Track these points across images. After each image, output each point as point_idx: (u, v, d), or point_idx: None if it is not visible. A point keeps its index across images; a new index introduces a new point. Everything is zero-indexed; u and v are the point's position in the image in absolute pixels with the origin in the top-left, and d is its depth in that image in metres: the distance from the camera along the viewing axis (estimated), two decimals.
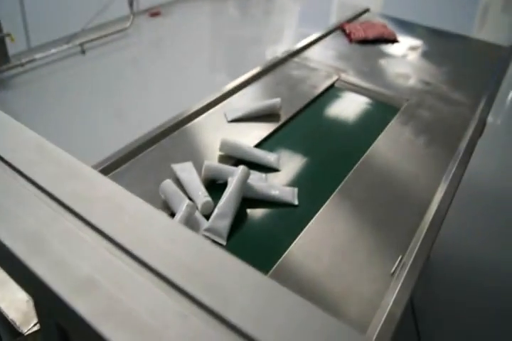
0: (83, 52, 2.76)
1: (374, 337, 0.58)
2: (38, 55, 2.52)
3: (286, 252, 0.71)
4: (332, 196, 0.83)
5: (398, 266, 0.70)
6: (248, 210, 0.79)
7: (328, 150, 0.98)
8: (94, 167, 0.85)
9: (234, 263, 0.35)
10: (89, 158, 0.94)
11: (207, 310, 0.33)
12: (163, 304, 0.33)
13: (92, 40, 2.79)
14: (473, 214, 1.82)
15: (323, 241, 0.73)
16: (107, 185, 0.43)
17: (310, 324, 0.31)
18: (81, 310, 0.33)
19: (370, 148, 0.98)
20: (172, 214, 0.75)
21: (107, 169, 0.85)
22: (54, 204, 0.40)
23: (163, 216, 0.40)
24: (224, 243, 0.72)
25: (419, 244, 0.73)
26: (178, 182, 0.82)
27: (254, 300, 0.33)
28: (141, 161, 0.89)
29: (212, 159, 0.90)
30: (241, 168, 0.80)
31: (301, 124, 1.05)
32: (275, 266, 0.68)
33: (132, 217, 0.40)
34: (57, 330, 0.38)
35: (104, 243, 0.37)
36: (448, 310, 1.45)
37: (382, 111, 1.14)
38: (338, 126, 1.07)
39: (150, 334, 0.31)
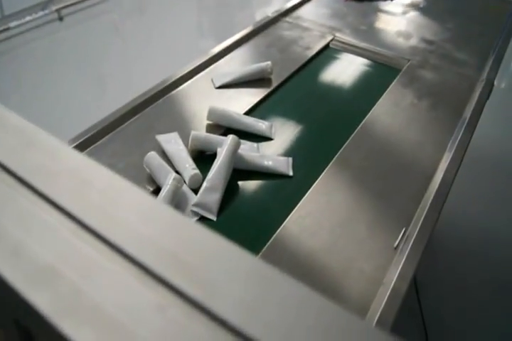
0: (61, 18, 2.61)
1: (377, 316, 0.54)
2: (12, 24, 2.37)
3: (280, 227, 0.66)
4: (329, 165, 0.78)
5: (402, 239, 0.65)
6: (239, 183, 0.74)
7: (324, 116, 0.92)
8: (75, 139, 0.80)
9: (221, 246, 0.29)
10: (70, 130, 0.88)
11: (189, 300, 0.27)
12: (137, 295, 0.28)
13: (69, 6, 2.64)
14: (476, 179, 1.78)
15: (320, 214, 0.69)
16: (73, 156, 0.36)
17: (306, 313, 0.26)
18: (39, 305, 0.27)
19: (370, 113, 0.92)
20: (158, 189, 0.69)
21: (88, 141, 0.81)
22: (9, 180, 0.34)
23: (139, 191, 0.34)
24: (214, 218, 0.67)
25: (424, 215, 0.68)
26: (164, 154, 0.77)
27: (245, 288, 0.27)
28: (123, 132, 0.84)
29: (199, 129, 0.84)
30: (230, 137, 0.75)
31: (294, 89, 0.99)
32: (269, 242, 0.63)
33: (102, 193, 0.33)
34: (16, 328, 0.33)
35: (69, 224, 0.31)
36: (449, 283, 1.43)
37: (381, 73, 1.07)
38: (334, 90, 1.01)
39: (121, 331, 0.26)
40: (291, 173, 0.76)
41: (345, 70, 1.07)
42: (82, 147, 0.79)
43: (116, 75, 2.24)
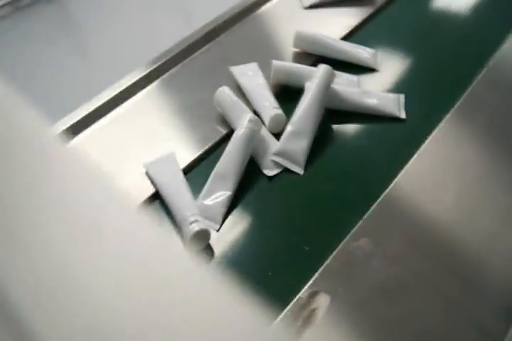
0: None
1: None
2: None
3: (390, 186, 0.51)
4: (456, 105, 0.60)
5: None
6: (334, 126, 0.60)
7: (446, 41, 0.72)
8: (138, 73, 0.71)
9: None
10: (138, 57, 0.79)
11: None
12: None
13: None
14: None
15: (444, 172, 0.52)
16: None
17: None
18: None
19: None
20: (231, 132, 0.58)
21: (154, 74, 0.71)
22: None
23: None
24: (301, 172, 0.55)
25: None
26: (240, 90, 0.66)
27: None
28: (193, 64, 0.74)
29: (284, 58, 0.71)
30: (322, 67, 0.60)
31: (404, 8, 0.79)
32: (374, 207, 0.49)
33: None
34: None
35: None
36: None
37: None
38: (457, 9, 0.79)
39: None
40: (403, 115, 0.60)
41: None
42: (148, 80, 0.70)
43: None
